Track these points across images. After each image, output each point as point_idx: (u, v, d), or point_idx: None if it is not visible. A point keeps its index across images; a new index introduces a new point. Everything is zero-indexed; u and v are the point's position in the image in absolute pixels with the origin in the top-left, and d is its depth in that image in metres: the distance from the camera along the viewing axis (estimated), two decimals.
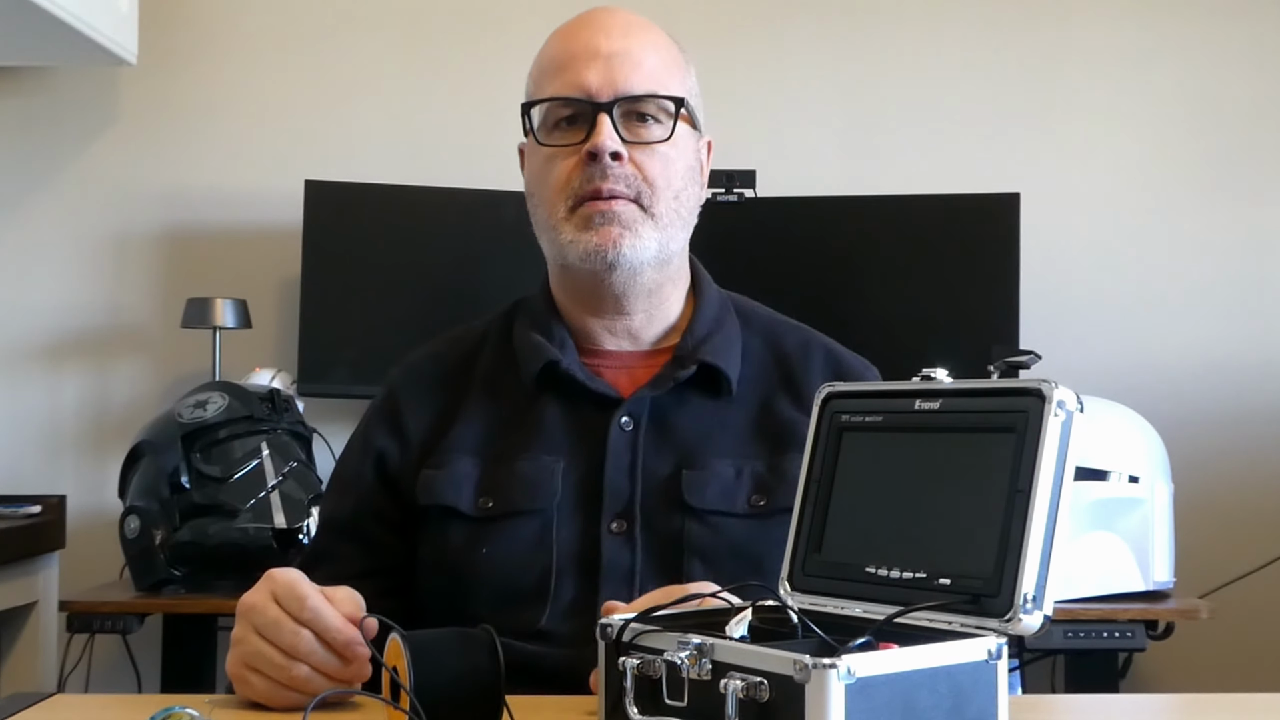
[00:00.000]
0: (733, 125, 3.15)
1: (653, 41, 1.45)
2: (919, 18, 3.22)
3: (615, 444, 1.41)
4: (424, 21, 3.22)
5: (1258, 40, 3.19)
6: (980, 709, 0.96)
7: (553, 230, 1.43)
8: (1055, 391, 1.00)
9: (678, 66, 1.46)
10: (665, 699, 1.00)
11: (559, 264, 1.46)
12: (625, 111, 1.41)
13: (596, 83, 1.40)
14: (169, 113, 3.19)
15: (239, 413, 2.63)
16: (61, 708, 1.27)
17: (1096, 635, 2.49)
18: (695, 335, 1.46)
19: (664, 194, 1.42)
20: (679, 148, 1.43)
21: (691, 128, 1.46)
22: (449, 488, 1.41)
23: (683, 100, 1.43)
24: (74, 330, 3.17)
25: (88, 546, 2.99)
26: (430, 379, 1.49)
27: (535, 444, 1.42)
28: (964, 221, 2.97)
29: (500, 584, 1.38)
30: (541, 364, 1.44)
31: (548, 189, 1.43)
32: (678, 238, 1.45)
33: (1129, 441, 2.61)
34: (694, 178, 1.47)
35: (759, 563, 1.35)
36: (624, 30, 1.43)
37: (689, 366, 1.43)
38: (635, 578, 1.37)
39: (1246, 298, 3.16)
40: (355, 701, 1.15)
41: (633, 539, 1.38)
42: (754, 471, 1.41)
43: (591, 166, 1.39)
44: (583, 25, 1.45)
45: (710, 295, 1.51)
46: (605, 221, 1.39)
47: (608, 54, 1.41)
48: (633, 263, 1.41)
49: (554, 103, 1.42)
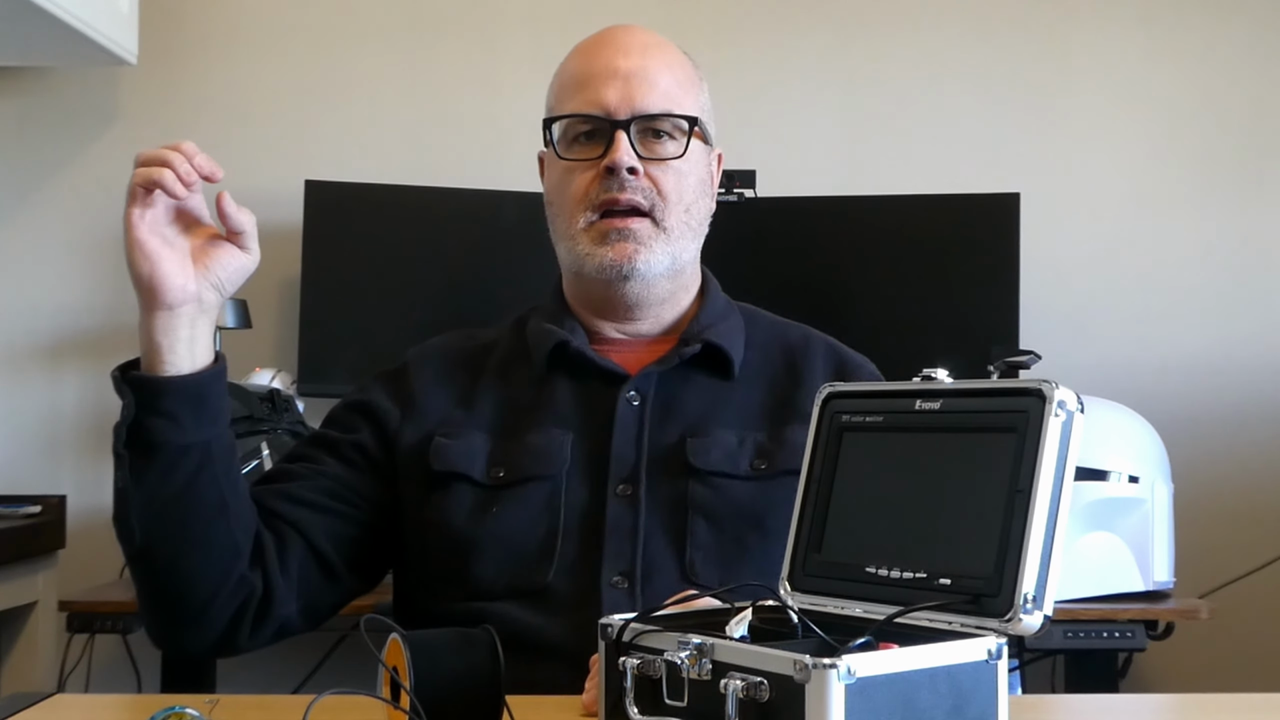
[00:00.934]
0: (733, 125, 3.14)
1: (668, 61, 1.52)
2: (919, 18, 3.22)
3: (623, 417, 1.47)
4: (424, 21, 3.22)
5: (1258, 40, 3.19)
6: (980, 709, 0.97)
7: (570, 240, 1.50)
8: (1055, 392, 1.01)
9: (692, 84, 1.53)
10: (665, 699, 1.00)
11: (574, 272, 1.53)
12: (642, 129, 1.48)
13: (615, 100, 1.47)
14: (169, 113, 3.19)
15: (239, 413, 2.63)
16: (61, 708, 1.27)
17: (1096, 635, 2.49)
18: (701, 322, 1.53)
19: (676, 207, 1.49)
20: (691, 163, 1.50)
21: (704, 143, 1.53)
22: (462, 457, 1.47)
23: (696, 119, 1.50)
24: (74, 330, 3.17)
25: (88, 546, 2.99)
26: (446, 361, 1.56)
27: (546, 419, 1.48)
28: (964, 221, 2.97)
29: (507, 544, 1.43)
30: (553, 344, 1.50)
31: (567, 199, 1.50)
32: (689, 249, 1.52)
33: (1129, 441, 2.61)
34: (705, 190, 1.54)
35: (760, 521, 1.43)
36: (642, 50, 1.50)
37: (694, 345, 1.50)
38: (639, 535, 1.42)
39: (1246, 298, 3.16)
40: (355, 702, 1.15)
41: (636, 501, 1.44)
42: (756, 440, 1.48)
43: (609, 179, 1.46)
44: (603, 44, 1.52)
45: (717, 297, 1.58)
46: (621, 238, 1.47)
47: (626, 73, 1.48)
48: (646, 276, 1.48)
49: (574, 119, 1.49)
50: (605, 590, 1.39)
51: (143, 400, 1.31)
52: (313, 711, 0.98)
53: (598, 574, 1.40)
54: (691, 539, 1.42)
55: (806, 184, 3.08)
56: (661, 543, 1.42)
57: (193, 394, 1.33)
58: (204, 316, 1.36)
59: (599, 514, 1.43)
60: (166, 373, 1.33)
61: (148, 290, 1.32)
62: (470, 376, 1.53)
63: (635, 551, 1.41)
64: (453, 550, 1.45)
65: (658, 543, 1.42)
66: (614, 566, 1.40)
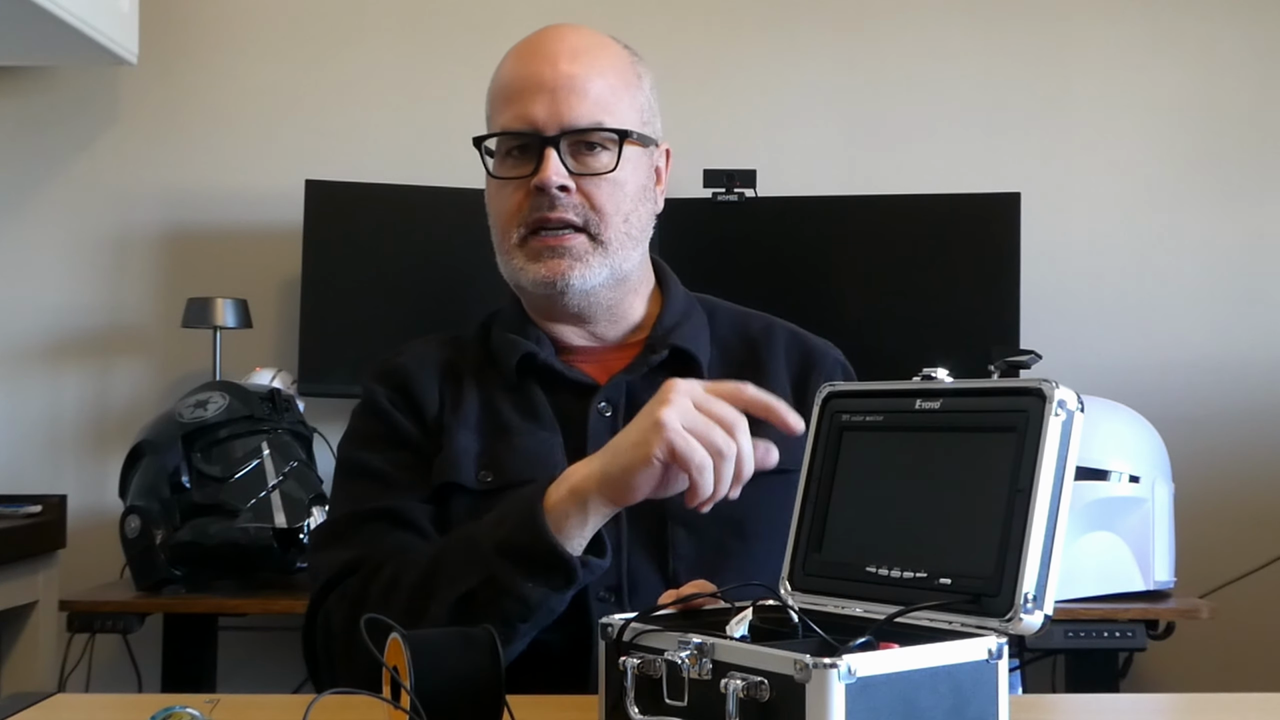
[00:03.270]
0: (733, 125, 3.15)
1: (599, 67, 1.47)
2: (919, 18, 3.21)
3: (595, 429, 1.45)
4: (424, 21, 3.22)
5: (1258, 40, 3.19)
6: (980, 709, 0.97)
7: (506, 255, 1.49)
8: (1056, 391, 1.00)
9: (627, 86, 1.49)
10: (666, 699, 1.00)
11: (515, 285, 1.51)
12: (572, 143, 1.45)
13: (543, 116, 1.44)
14: (169, 113, 3.19)
15: (239, 413, 2.63)
16: (61, 708, 1.27)
17: (1097, 635, 2.49)
18: (664, 325, 1.52)
19: (613, 220, 1.46)
20: (628, 171, 1.47)
21: (642, 147, 1.49)
22: (450, 465, 1.45)
23: (628, 132, 1.46)
24: (74, 330, 3.17)
25: (88, 546, 2.99)
26: (433, 364, 1.53)
27: (531, 421, 1.47)
28: (964, 221, 2.97)
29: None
30: (520, 354, 1.49)
31: (501, 217, 1.49)
32: (630, 257, 1.49)
33: (1129, 441, 2.61)
34: (646, 195, 1.51)
35: (740, 525, 1.41)
36: (571, 56, 1.46)
37: (660, 351, 1.49)
38: (622, 550, 1.41)
39: (1246, 298, 3.16)
40: (355, 702, 1.15)
41: (617, 515, 1.40)
42: None
43: (539, 198, 1.44)
44: (532, 52, 1.49)
45: (677, 293, 1.56)
46: (553, 255, 1.45)
47: (553, 86, 1.44)
48: (582, 290, 1.47)
49: (503, 136, 1.47)
50: (594, 604, 1.38)
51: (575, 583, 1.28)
52: (313, 711, 0.98)
53: (584, 588, 1.39)
54: (673, 550, 1.41)
55: (806, 184, 3.08)
56: (643, 556, 1.41)
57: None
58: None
59: None
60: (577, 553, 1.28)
61: (635, 493, 1.26)
62: (451, 379, 1.51)
63: (620, 567, 1.40)
64: None
65: (640, 556, 1.41)
66: (600, 581, 1.39)
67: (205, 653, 2.71)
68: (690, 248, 2.83)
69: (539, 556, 1.25)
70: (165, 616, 2.68)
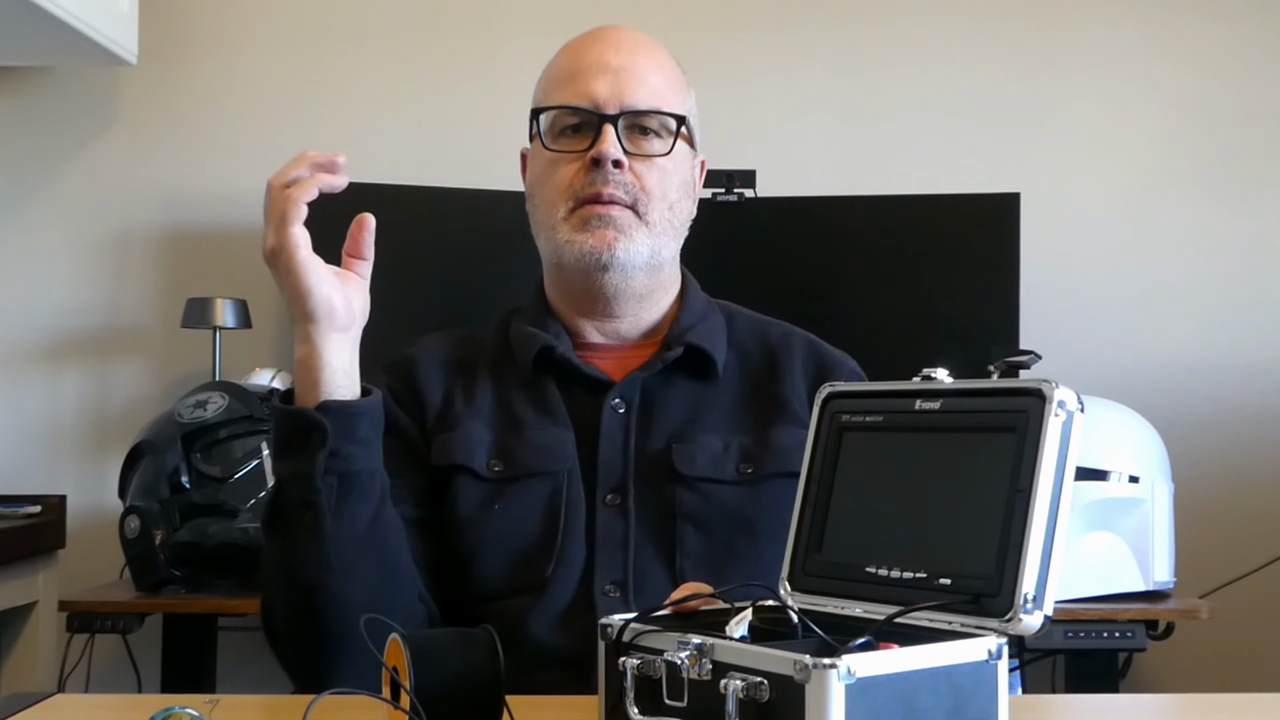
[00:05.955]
0: (733, 125, 3.15)
1: (658, 61, 1.52)
2: (919, 18, 3.22)
3: (609, 425, 1.47)
4: (425, 22, 3.22)
5: (1258, 40, 3.19)
6: (980, 709, 0.96)
7: (551, 229, 1.49)
8: (1055, 391, 1.00)
9: (680, 87, 1.54)
10: (665, 699, 1.00)
11: (554, 263, 1.52)
12: (629, 124, 1.48)
13: (604, 94, 1.47)
14: (169, 113, 3.19)
15: (239, 413, 2.63)
16: (61, 708, 1.27)
17: (1096, 635, 2.50)
18: (682, 324, 1.53)
19: (659, 203, 1.49)
20: (676, 162, 1.51)
21: (689, 146, 1.54)
22: (462, 448, 1.46)
23: (684, 118, 1.51)
24: (74, 330, 3.17)
25: (88, 546, 2.99)
26: (442, 357, 1.55)
27: (544, 417, 1.48)
28: (964, 221, 2.97)
29: (511, 541, 1.43)
30: (537, 348, 1.50)
31: (550, 190, 1.49)
32: (669, 246, 1.52)
33: (1129, 441, 2.61)
34: (687, 192, 1.54)
35: (749, 525, 1.43)
36: (632, 48, 1.51)
37: (676, 349, 1.50)
38: (629, 545, 1.42)
39: (1246, 298, 3.16)
40: (355, 702, 1.15)
41: (626, 510, 1.44)
42: (741, 444, 1.47)
43: (594, 172, 1.46)
44: (594, 40, 1.52)
45: (696, 297, 1.58)
46: (601, 225, 1.46)
47: (616, 68, 1.48)
48: (625, 265, 1.47)
49: (562, 110, 1.49)
50: (599, 599, 1.39)
51: (339, 428, 1.27)
52: (313, 711, 0.98)
53: (591, 582, 1.40)
54: (681, 547, 1.42)
55: (806, 184, 3.08)
56: (651, 551, 1.42)
57: (376, 418, 1.31)
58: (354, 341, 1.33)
59: (591, 522, 1.43)
60: (344, 397, 1.29)
61: (326, 312, 1.29)
62: (465, 373, 1.53)
63: (626, 561, 1.41)
64: (455, 549, 1.44)
65: (648, 552, 1.42)
66: (606, 575, 1.41)
67: (205, 653, 2.71)
68: (690, 248, 2.82)
69: (282, 428, 1.28)
70: (165, 617, 2.68)
